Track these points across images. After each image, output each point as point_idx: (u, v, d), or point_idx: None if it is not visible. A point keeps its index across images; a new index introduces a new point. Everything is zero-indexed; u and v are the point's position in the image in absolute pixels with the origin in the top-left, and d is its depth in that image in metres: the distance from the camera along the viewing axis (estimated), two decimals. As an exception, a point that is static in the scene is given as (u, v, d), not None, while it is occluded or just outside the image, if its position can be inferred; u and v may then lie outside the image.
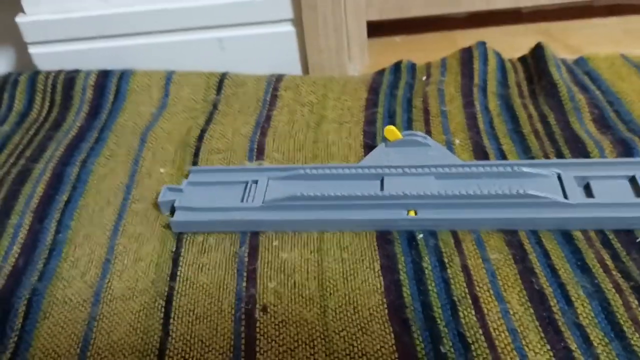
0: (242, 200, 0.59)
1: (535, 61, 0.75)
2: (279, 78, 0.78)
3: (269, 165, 0.65)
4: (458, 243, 0.54)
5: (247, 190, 0.60)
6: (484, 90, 0.72)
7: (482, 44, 0.78)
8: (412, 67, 0.80)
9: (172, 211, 0.60)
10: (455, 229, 0.55)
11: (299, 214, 0.57)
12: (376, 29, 0.92)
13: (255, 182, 0.61)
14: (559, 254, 0.52)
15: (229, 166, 0.65)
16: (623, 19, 0.92)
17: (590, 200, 0.55)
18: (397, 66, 0.80)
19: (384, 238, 0.55)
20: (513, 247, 0.53)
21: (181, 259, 0.55)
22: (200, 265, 0.54)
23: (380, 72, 0.80)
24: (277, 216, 0.57)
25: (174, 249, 0.56)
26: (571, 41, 0.87)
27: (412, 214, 0.56)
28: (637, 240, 0.52)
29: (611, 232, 0.53)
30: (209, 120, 0.74)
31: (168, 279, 0.54)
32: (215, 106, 0.76)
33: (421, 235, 0.55)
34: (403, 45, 0.92)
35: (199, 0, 0.79)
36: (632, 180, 0.56)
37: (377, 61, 0.86)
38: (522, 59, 0.79)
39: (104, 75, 0.80)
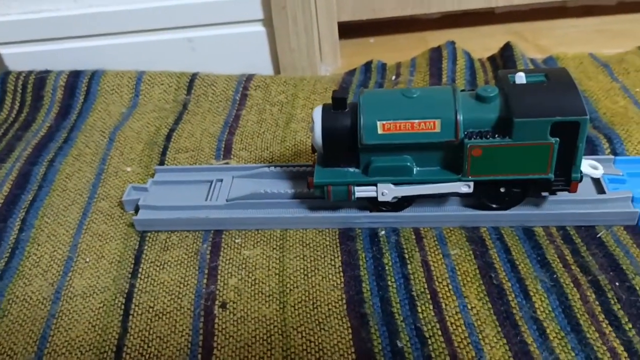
0: (206, 199, 0.59)
1: (504, 60, 0.76)
2: (249, 78, 0.78)
3: (234, 165, 0.64)
4: (419, 239, 0.54)
5: (212, 189, 0.60)
6: (452, 89, 0.72)
7: (451, 44, 0.78)
8: (383, 67, 0.80)
9: (137, 210, 0.59)
10: (418, 225, 0.55)
11: (262, 211, 0.57)
12: (350, 30, 0.93)
13: (220, 180, 0.61)
14: (519, 250, 0.52)
15: (195, 165, 0.65)
16: (596, 19, 0.93)
17: (552, 196, 0.55)
18: (367, 66, 0.80)
19: (346, 235, 0.55)
20: (474, 243, 0.53)
21: (143, 256, 0.55)
22: (162, 262, 0.54)
23: (351, 72, 0.80)
24: (240, 214, 0.57)
25: (136, 247, 0.56)
26: (542, 41, 0.88)
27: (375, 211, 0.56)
28: (598, 236, 0.52)
29: (572, 228, 0.54)
30: (178, 120, 0.73)
31: (129, 276, 0.53)
32: (185, 106, 0.76)
33: (383, 232, 0.55)
34: (376, 46, 0.92)
35: (170, 0, 0.79)
36: (595, 176, 0.57)
37: (350, 61, 0.86)
38: (492, 59, 0.80)
39: (74, 76, 0.80)
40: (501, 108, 0.50)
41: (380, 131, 0.51)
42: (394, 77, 0.77)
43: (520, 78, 0.51)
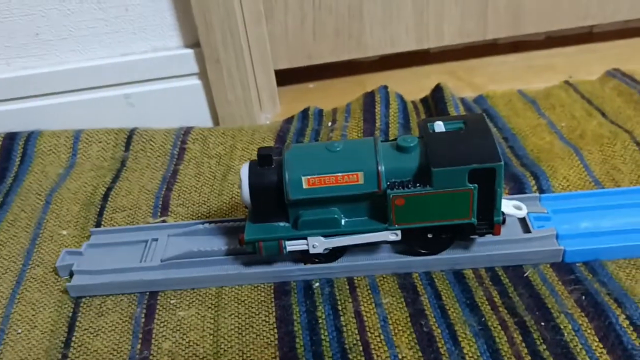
0: (141, 260, 0.59)
1: (435, 102, 0.78)
2: (187, 131, 0.78)
3: (171, 222, 0.64)
4: (353, 289, 0.54)
5: (147, 249, 0.60)
6: (385, 133, 0.74)
7: (384, 88, 0.80)
8: (320, 113, 0.81)
9: (72, 275, 0.59)
10: (351, 275, 0.55)
11: (197, 270, 0.57)
12: (290, 75, 0.94)
13: (156, 240, 0.61)
14: (449, 294, 0.53)
15: (130, 226, 0.65)
16: (525, 55, 0.96)
17: (480, 237, 0.56)
18: (304, 113, 0.81)
19: (281, 289, 0.55)
20: (406, 289, 0.53)
21: (77, 323, 0.54)
22: (96, 329, 0.54)
23: (289, 120, 0.81)
24: (175, 274, 0.57)
25: (70, 314, 0.55)
26: (476, 79, 0.90)
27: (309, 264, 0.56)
28: (525, 275, 0.54)
29: (501, 268, 0.55)
30: (115, 178, 0.73)
31: (62, 345, 0.52)
32: (123, 163, 0.76)
33: (317, 284, 0.55)
34: (316, 91, 0.93)
35: (105, 58, 0.80)
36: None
37: (290, 108, 0.87)
38: (424, 100, 0.82)
39: (10, 138, 0.79)
40: (421, 157, 0.51)
41: (305, 186, 0.51)
42: (330, 124, 0.78)
43: (439, 127, 0.53)
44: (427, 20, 0.89)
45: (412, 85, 0.89)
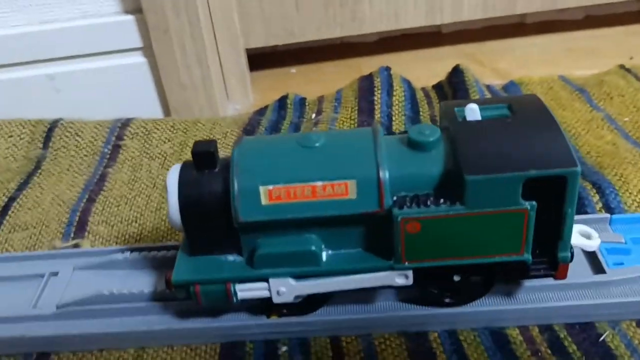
0: (33, 305, 0.41)
1: (453, 89, 0.60)
2: (125, 123, 0.60)
3: (84, 249, 0.46)
4: (339, 356, 0.36)
5: (42, 289, 0.42)
6: (388, 128, 0.56)
7: (386, 70, 0.63)
8: (301, 102, 0.64)
9: None
10: (336, 334, 0.38)
11: (107, 323, 0.39)
12: (268, 58, 0.78)
13: (56, 274, 0.43)
14: (486, 369, 0.35)
15: (26, 252, 0.46)
16: (560, 36, 0.80)
17: (530, 280, 0.38)
18: (282, 102, 0.64)
19: (231, 353, 0.37)
20: (419, 358, 0.35)
21: None
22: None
23: (262, 111, 0.63)
24: (74, 328, 0.40)
25: None
26: (500, 64, 0.74)
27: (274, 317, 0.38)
28: (601, 339, 0.36)
29: (562, 327, 0.37)
30: (24, 184, 0.55)
31: None
32: (38, 164, 0.58)
33: (285, 348, 0.37)
34: (299, 77, 0.77)
35: (20, 27, 0.63)
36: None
37: (266, 97, 0.71)
38: (438, 87, 0.65)
39: None
40: (446, 159, 0.33)
41: (264, 201, 0.33)
42: (314, 115, 0.61)
43: (473, 112, 0.35)
44: (440, -10, 0.71)
45: (421, 70, 0.72)
